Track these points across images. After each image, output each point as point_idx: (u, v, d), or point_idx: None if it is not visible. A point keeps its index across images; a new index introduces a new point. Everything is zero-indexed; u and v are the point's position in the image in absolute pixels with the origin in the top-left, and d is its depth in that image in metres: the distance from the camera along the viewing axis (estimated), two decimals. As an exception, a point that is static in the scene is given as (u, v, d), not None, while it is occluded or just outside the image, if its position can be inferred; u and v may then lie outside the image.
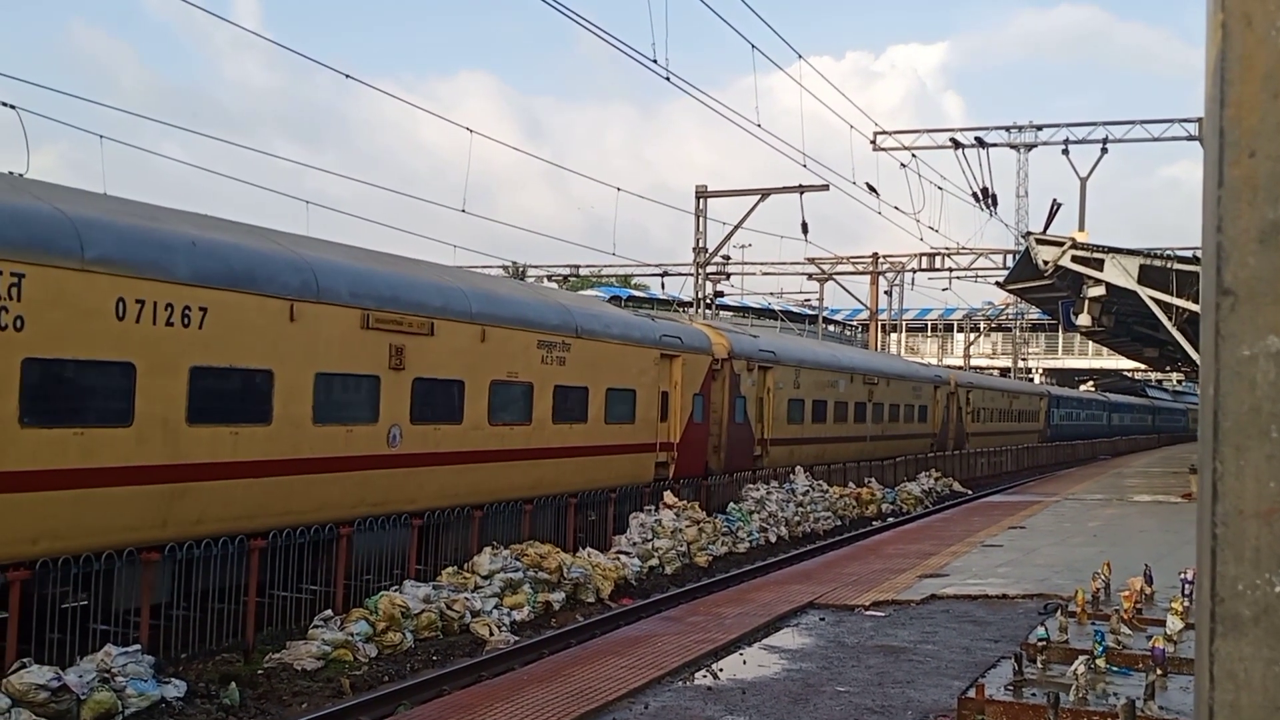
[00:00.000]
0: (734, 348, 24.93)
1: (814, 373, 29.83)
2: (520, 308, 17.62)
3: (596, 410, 19.11)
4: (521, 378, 17.17)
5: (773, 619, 11.95)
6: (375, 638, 12.63)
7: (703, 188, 37.99)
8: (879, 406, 34.85)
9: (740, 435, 25.33)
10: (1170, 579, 11.79)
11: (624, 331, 20.40)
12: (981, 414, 47.45)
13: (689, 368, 22.61)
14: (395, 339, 14.49)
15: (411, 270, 15.90)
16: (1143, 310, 27.58)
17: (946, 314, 79.78)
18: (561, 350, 18.05)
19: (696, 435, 23.05)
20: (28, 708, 8.93)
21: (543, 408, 17.67)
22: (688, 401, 22.52)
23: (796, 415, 28.69)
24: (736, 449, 25.08)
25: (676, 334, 22.52)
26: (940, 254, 48.59)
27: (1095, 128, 40.94)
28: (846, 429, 32.25)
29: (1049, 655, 8.51)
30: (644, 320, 22.00)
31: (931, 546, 18.33)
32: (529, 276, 56.05)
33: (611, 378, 19.61)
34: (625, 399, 20.17)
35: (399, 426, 14.59)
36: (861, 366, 34.16)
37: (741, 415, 25.35)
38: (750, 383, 25.69)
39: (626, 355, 20.14)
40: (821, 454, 30.04)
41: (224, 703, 10.44)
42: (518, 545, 16.15)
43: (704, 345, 23.65)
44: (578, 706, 8.39)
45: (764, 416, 26.64)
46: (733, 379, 24.70)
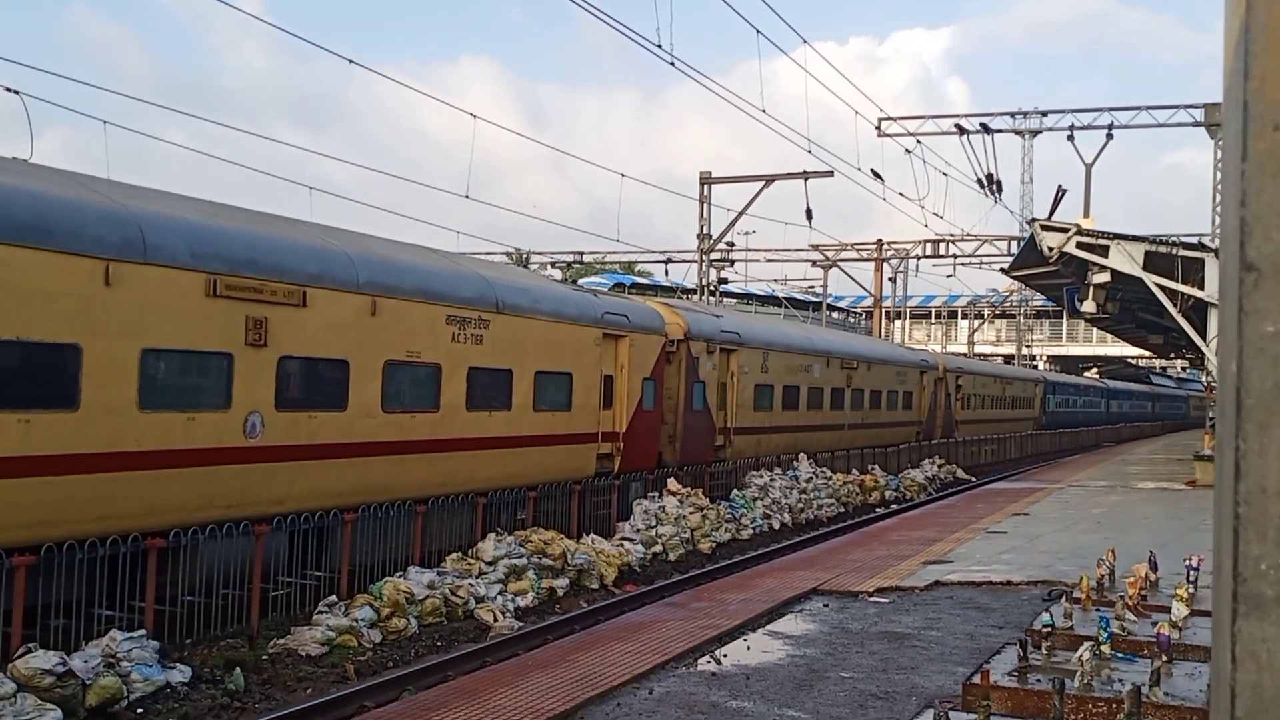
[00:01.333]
0: (691, 328, 22.81)
1: (784, 356, 27.60)
2: (424, 277, 15.39)
3: (523, 396, 17.05)
4: (426, 358, 15.06)
5: (776, 605, 11.95)
6: (380, 623, 12.64)
7: (707, 174, 37.96)
8: (858, 393, 32.78)
9: (699, 424, 23.32)
10: (1175, 565, 11.78)
11: (557, 307, 18.24)
12: (972, 400, 45.63)
13: (638, 349, 20.45)
14: (254, 310, 12.31)
15: (277, 229, 13.63)
16: (1148, 297, 27.56)
17: (951, 300, 79.66)
18: (478, 327, 15.93)
19: (647, 424, 20.97)
20: (33, 692, 8.94)
21: (454, 393, 15.58)
22: (636, 387, 20.42)
23: (765, 402, 26.55)
24: (694, 439, 23.06)
25: (622, 311, 20.29)
26: (945, 240, 48.53)
27: (1100, 114, 40.85)
28: (822, 417, 30.07)
29: (1054, 641, 8.50)
30: (583, 295, 19.94)
31: (935, 533, 18.32)
32: (533, 264, 56.03)
33: (542, 359, 17.54)
34: (559, 383, 18.14)
35: (259, 414, 12.45)
36: (839, 349, 32.01)
37: (700, 402, 23.30)
38: (710, 366, 23.60)
39: (560, 334, 18.02)
40: (793, 444, 27.88)
41: (229, 688, 10.45)
42: (522, 531, 16.16)
43: (656, 325, 21.48)
44: (582, 692, 8.39)
45: (727, 403, 24.58)
46: (690, 362, 22.66)
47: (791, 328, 32.78)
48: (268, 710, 10.01)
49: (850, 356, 32.22)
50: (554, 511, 17.89)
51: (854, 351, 33.05)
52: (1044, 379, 61.09)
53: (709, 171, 38.07)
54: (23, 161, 11.84)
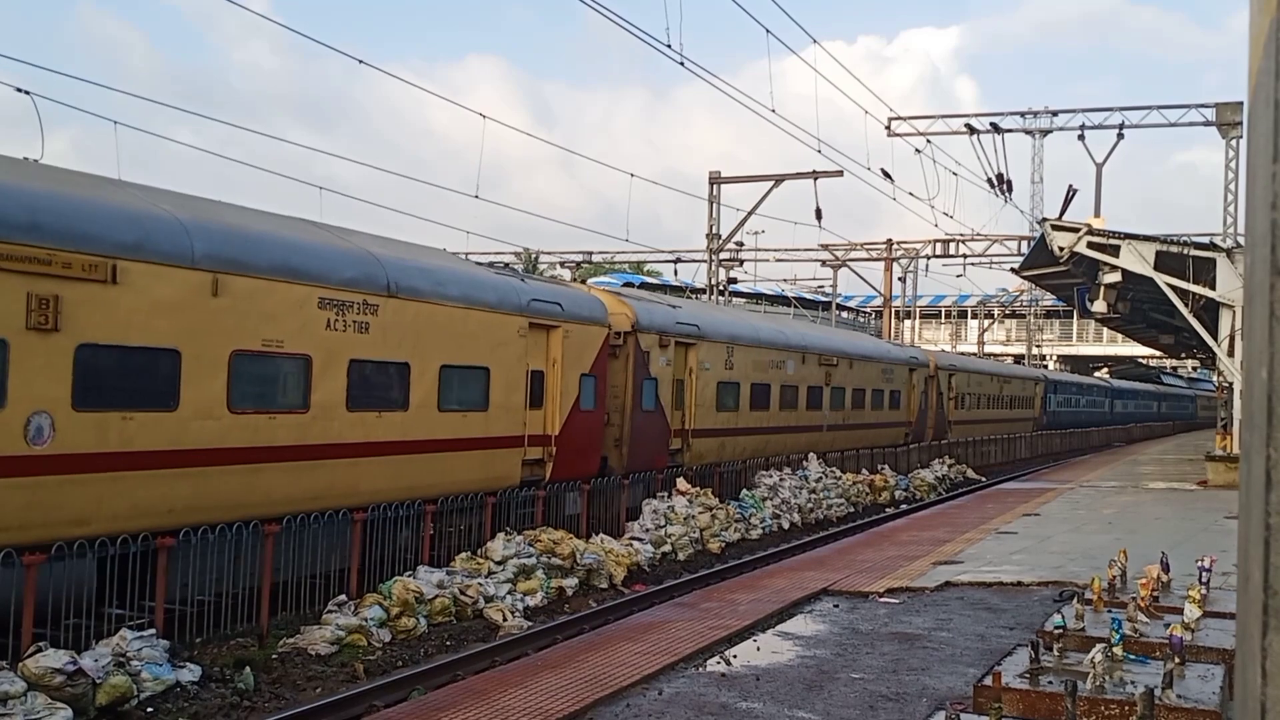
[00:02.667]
0: (640, 318, 20.74)
1: (753, 351, 25.33)
2: (288, 251, 12.94)
3: (424, 394, 14.82)
4: (290, 348, 12.72)
5: (786, 605, 11.92)
6: (389, 623, 12.64)
7: (716, 174, 37.94)
8: (839, 391, 30.61)
9: (650, 426, 21.14)
10: (1187, 567, 11.70)
11: (469, 292, 15.92)
12: (966, 400, 43.36)
13: (574, 342, 18.27)
14: (39, 285, 10.10)
15: (76, 187, 11.22)
16: (1158, 296, 27.47)
17: (961, 300, 79.55)
18: (363, 313, 13.72)
19: (585, 426, 18.75)
20: (43, 691, 8.96)
21: (329, 390, 13.25)
22: (572, 384, 18.28)
23: (729, 401, 24.37)
24: (645, 442, 20.91)
25: (554, 299, 18.05)
26: (955, 240, 48.42)
27: (1111, 113, 40.75)
28: (797, 417, 27.87)
29: (1065, 643, 8.44)
30: (503, 279, 17.35)
31: (945, 533, 18.27)
32: (542, 264, 56.05)
33: (449, 351, 15.34)
34: (473, 380, 15.95)
35: (46, 416, 10.19)
36: (816, 344, 29.62)
37: (652, 401, 21.12)
38: (664, 362, 21.45)
39: (473, 323, 15.84)
40: (763, 447, 25.88)
41: (238, 687, 10.46)
42: (531, 531, 16.15)
43: (597, 315, 19.25)
44: (591, 692, 8.38)
45: (685, 403, 22.54)
46: (639, 357, 20.57)
47: (761, 320, 30.06)
48: (277, 709, 10.01)
49: (829, 352, 30.11)
50: (470, 527, 15.75)
51: (833, 347, 30.92)
52: (1044, 377, 58.94)
53: (718, 171, 38.05)
54: None
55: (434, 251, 17.09)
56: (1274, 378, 1.36)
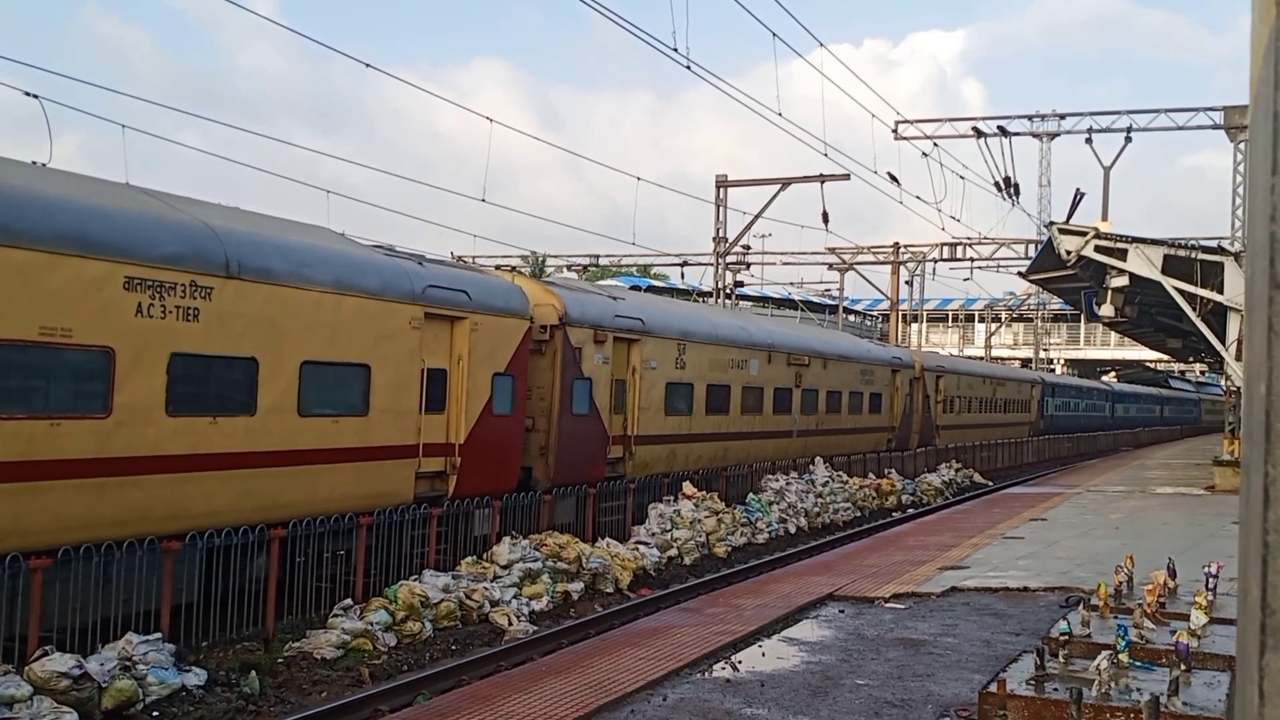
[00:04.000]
0: (569, 310, 18.40)
1: (709, 349, 22.96)
2: (79, 218, 10.70)
3: (277, 395, 12.56)
4: (83, 339, 10.50)
5: (792, 611, 11.91)
6: (394, 627, 12.65)
7: (723, 177, 37.92)
8: (811, 394, 28.15)
9: (582, 432, 18.80)
10: (1194, 572, 11.68)
11: (342, 275, 13.66)
12: (956, 403, 40.93)
13: (486, 335, 16.01)
14: None
15: None
16: (1166, 301, 27.37)
17: (968, 304, 79.43)
18: (191, 296, 11.41)
19: (499, 433, 16.44)
20: (49, 695, 8.97)
21: (141, 390, 11.03)
22: (483, 384, 16.01)
23: (681, 404, 22.06)
24: (576, 451, 18.60)
25: (458, 285, 15.74)
26: (962, 244, 48.36)
27: (1119, 116, 40.65)
28: (762, 422, 25.53)
29: (1071, 649, 8.43)
30: (391, 262, 15.00)
31: (952, 538, 18.23)
32: (549, 267, 56.07)
33: (315, 345, 13.14)
34: (348, 379, 13.81)
35: None
36: (784, 343, 27.12)
37: (585, 404, 18.78)
38: (600, 360, 19.07)
39: (348, 312, 13.63)
40: (722, 455, 23.64)
41: (244, 691, 10.47)
42: (537, 535, 16.14)
43: (515, 305, 16.93)
44: (596, 698, 8.37)
45: (627, 406, 20.28)
46: (568, 354, 18.27)
47: (720, 315, 27.17)
48: (283, 713, 10.02)
49: (799, 351, 27.57)
50: (350, 552, 13.59)
51: (804, 345, 28.33)
52: (1041, 380, 56.25)
53: (725, 175, 38.03)
54: None
55: (300, 227, 14.48)
56: (1273, 393, 1.35)
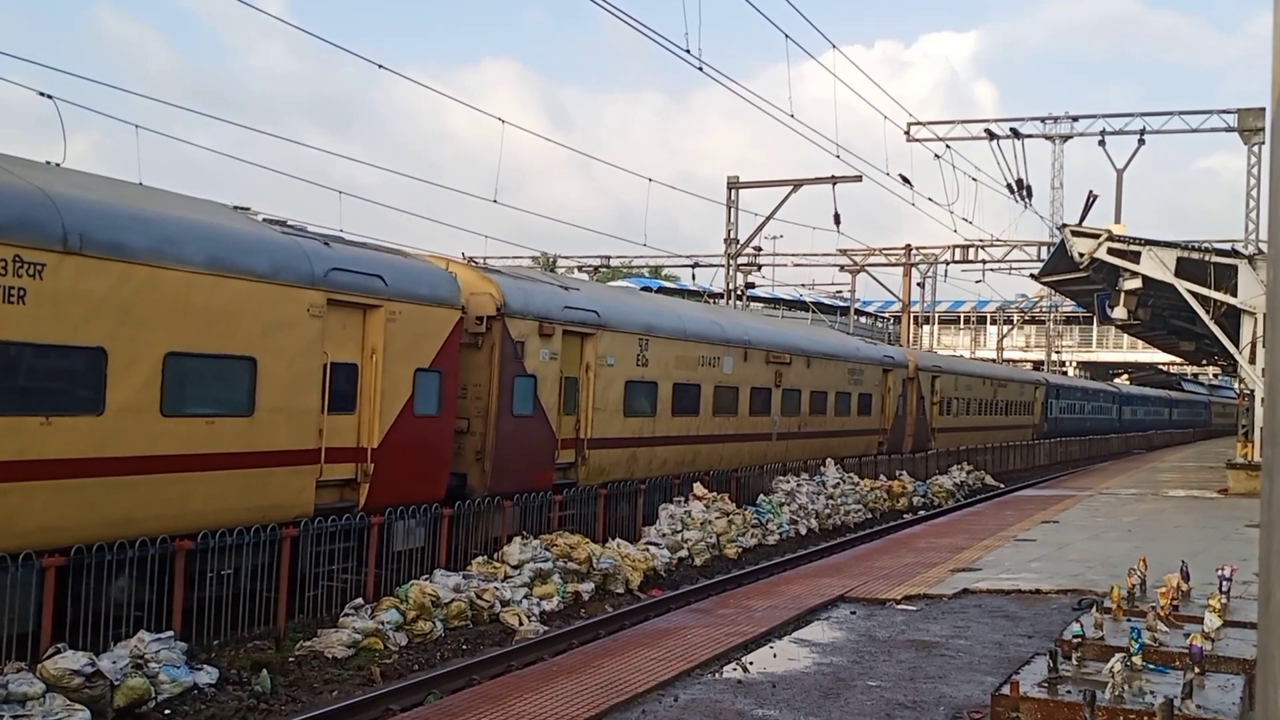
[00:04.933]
0: (509, 300, 16.67)
1: (675, 345, 21.44)
2: None
3: (133, 392, 10.88)
4: None
5: (803, 612, 11.89)
6: (405, 626, 12.68)
7: (734, 179, 37.94)
8: (792, 394, 26.52)
9: (525, 435, 17.10)
10: (1207, 575, 11.63)
11: (219, 254, 11.92)
12: (954, 405, 39.28)
13: (405, 327, 14.37)
14: None
15: None
16: (1179, 303, 27.32)
17: (980, 306, 79.29)
18: (15, 273, 9.88)
19: (423, 436, 14.78)
20: (62, 693, 9.01)
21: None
22: (402, 381, 14.35)
23: (643, 404, 20.42)
24: (517, 455, 16.89)
25: (371, 269, 14.00)
26: (974, 246, 48.27)
27: (1132, 119, 40.54)
28: (737, 424, 23.93)
29: (1084, 652, 8.39)
30: (288, 240, 13.14)
31: (963, 540, 18.18)
32: (559, 268, 56.11)
33: (181, 333, 11.39)
34: (227, 374, 12.12)
35: None
36: (762, 339, 25.31)
37: (527, 404, 17.07)
38: (546, 355, 17.42)
39: (227, 296, 11.92)
40: (690, 459, 22.06)
41: (255, 689, 10.51)
42: (547, 535, 16.15)
43: (443, 293, 15.19)
44: (607, 698, 8.37)
45: (580, 407, 18.67)
46: (508, 348, 16.62)
47: (690, 309, 25.33)
48: (294, 712, 10.05)
49: (779, 348, 25.89)
50: (245, 569, 11.83)
51: (786, 343, 26.67)
52: (1045, 381, 54.19)
53: (736, 176, 38.03)
54: None
55: (178, 199, 12.77)
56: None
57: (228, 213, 13.14)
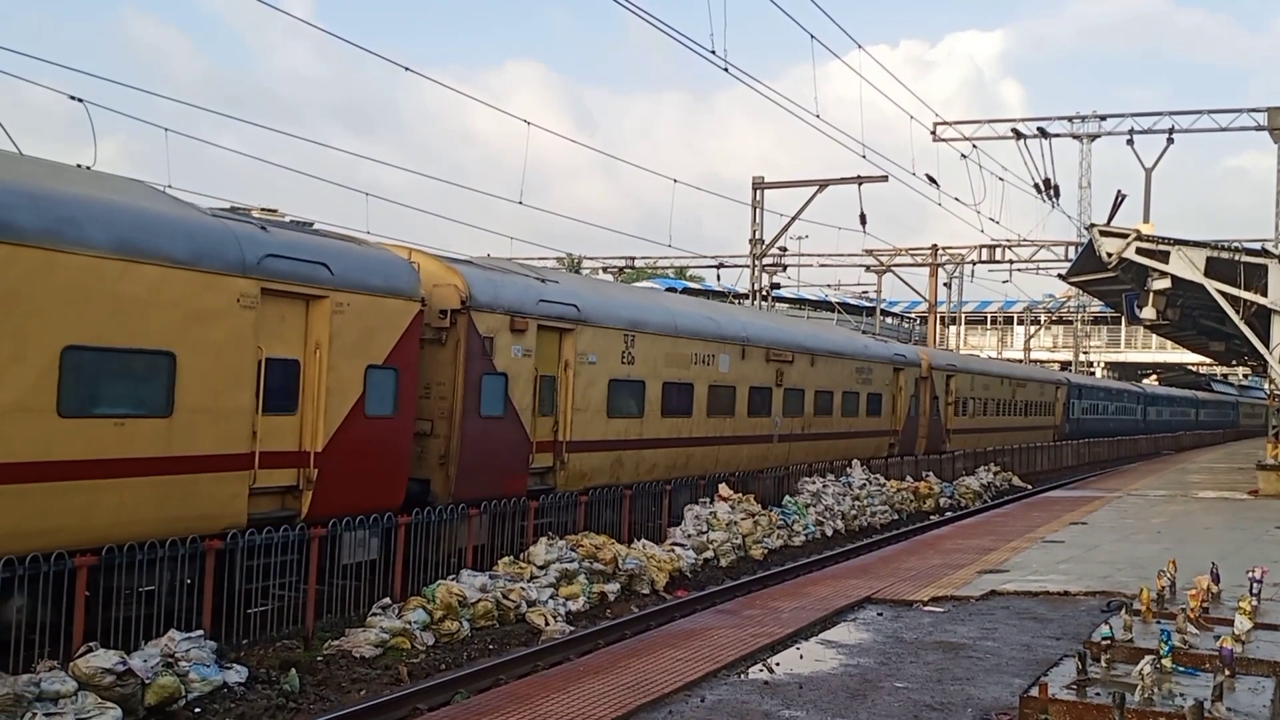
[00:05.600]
0: (475, 292, 15.41)
1: (665, 341, 20.20)
2: None
3: (23, 391, 9.83)
4: None
5: (829, 613, 11.87)
6: (432, 626, 12.73)
7: (759, 179, 37.90)
8: (795, 394, 25.14)
9: (495, 437, 15.81)
10: (1238, 578, 11.55)
11: (132, 236, 10.82)
12: (970, 405, 37.80)
13: (355, 319, 13.13)
14: None
15: None
16: (1209, 303, 27.11)
17: (1006, 306, 78.89)
18: None
19: (376, 438, 13.60)
20: (94, 690, 9.10)
21: None
22: (351, 379, 13.14)
23: (629, 405, 19.17)
24: (486, 459, 15.60)
25: (313, 256, 12.75)
26: (1001, 246, 48.11)
27: (1161, 118, 40.32)
28: (734, 426, 22.64)
29: (1113, 654, 8.34)
30: (210, 222, 11.94)
31: (991, 542, 18.10)
32: (584, 269, 56.22)
33: (83, 325, 10.31)
34: (141, 370, 10.97)
35: None
36: (762, 336, 23.93)
37: (497, 404, 15.85)
38: (519, 352, 16.24)
39: (142, 284, 10.78)
40: (683, 463, 20.84)
41: (284, 688, 10.57)
42: (573, 536, 16.18)
43: (399, 283, 13.96)
44: (634, 698, 8.38)
45: (559, 407, 17.40)
46: (475, 345, 15.39)
47: (682, 304, 23.89)
48: (322, 711, 10.11)
49: (781, 345, 24.51)
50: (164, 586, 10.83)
51: (787, 339, 25.15)
52: (1067, 381, 52.19)
53: (762, 177, 37.99)
54: None
55: (75, 174, 11.70)
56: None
57: (146, 192, 12.11)
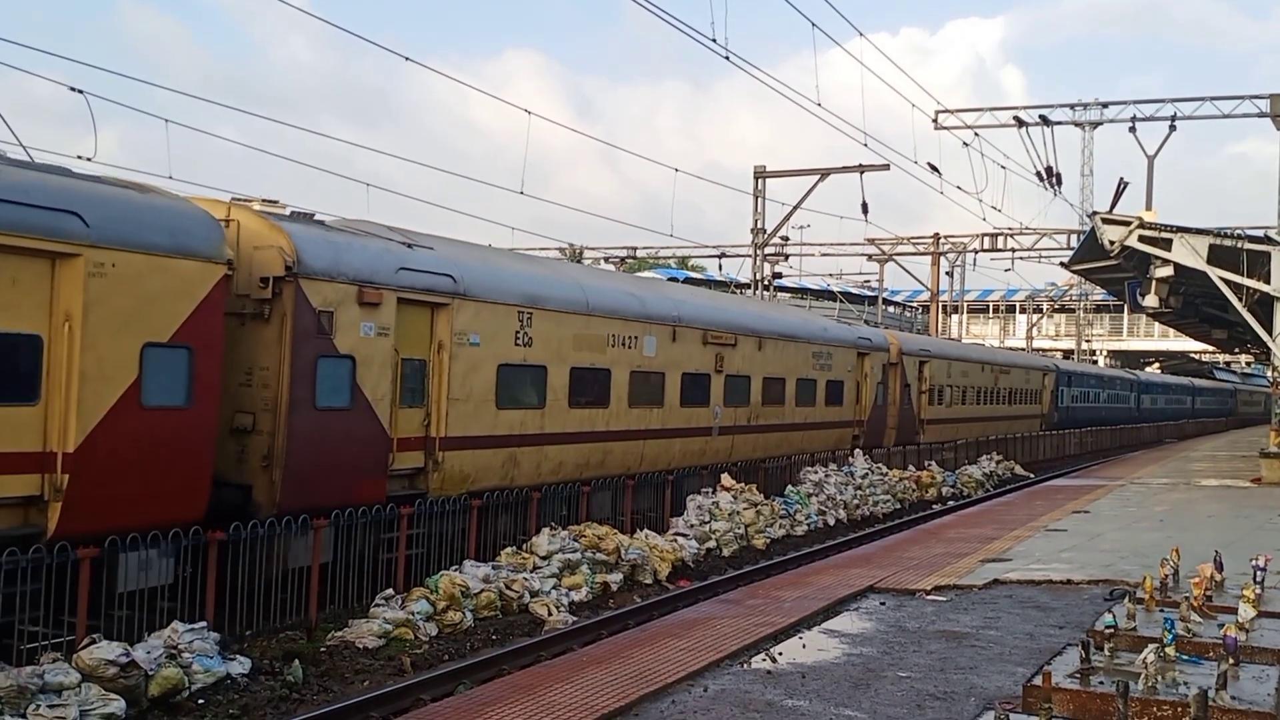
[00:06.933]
0: (306, 257, 12.68)
1: (572, 320, 17.39)
2: None
3: None
4: None
5: (832, 603, 11.87)
6: (435, 617, 12.74)
7: (761, 168, 37.80)
8: (739, 381, 22.51)
9: (339, 435, 13.15)
10: (1241, 565, 11.54)
11: None
12: (947, 394, 35.52)
13: (124, 285, 10.52)
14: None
15: None
16: (1212, 291, 27.08)
17: (1009, 295, 78.82)
18: None
19: (158, 435, 10.92)
20: (97, 682, 9.11)
21: None
22: (119, 360, 10.55)
23: (526, 394, 16.44)
24: (326, 461, 12.97)
25: (59, 203, 10.07)
26: (1003, 234, 48.03)
27: (1163, 105, 40.21)
28: (663, 417, 19.89)
29: (1117, 643, 8.35)
30: None
31: (993, 530, 18.10)
32: (586, 259, 56.14)
33: None
34: None
35: None
36: (698, 317, 21.21)
37: (341, 394, 13.19)
38: (371, 330, 13.56)
39: None
40: (599, 460, 18.15)
41: (287, 680, 10.58)
42: (576, 526, 16.18)
43: (188, 240, 11.19)
44: (638, 688, 8.38)
45: (431, 397, 14.69)
46: (307, 321, 12.70)
47: (594, 276, 20.90)
48: (326, 702, 10.11)
49: (721, 327, 21.91)
50: None
51: (729, 321, 22.47)
52: (1055, 367, 49.90)
53: (764, 166, 37.91)
54: None
55: None
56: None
57: None
